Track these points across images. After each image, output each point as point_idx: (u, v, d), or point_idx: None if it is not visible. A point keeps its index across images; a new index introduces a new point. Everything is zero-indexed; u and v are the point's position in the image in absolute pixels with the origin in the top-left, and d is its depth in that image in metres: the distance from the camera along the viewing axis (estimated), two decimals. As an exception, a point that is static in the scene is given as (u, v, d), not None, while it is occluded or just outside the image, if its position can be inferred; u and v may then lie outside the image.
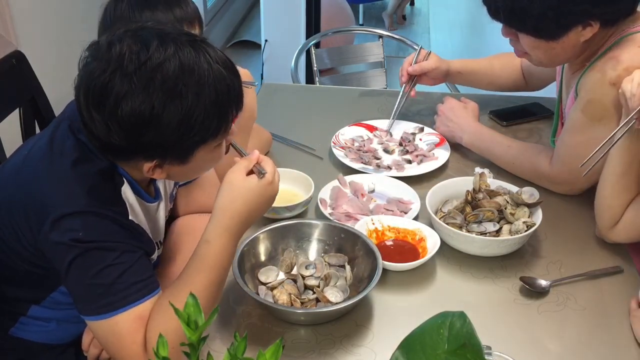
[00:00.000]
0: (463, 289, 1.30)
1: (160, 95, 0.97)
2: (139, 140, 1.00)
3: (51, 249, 1.04)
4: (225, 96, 1.03)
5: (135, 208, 1.13)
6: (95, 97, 0.98)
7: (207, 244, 1.07)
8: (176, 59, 0.99)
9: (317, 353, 1.14)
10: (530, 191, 1.39)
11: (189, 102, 0.98)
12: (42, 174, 1.08)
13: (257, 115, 1.54)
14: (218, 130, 1.05)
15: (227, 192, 1.08)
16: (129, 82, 0.96)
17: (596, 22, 1.36)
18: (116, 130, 0.99)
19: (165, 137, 1.00)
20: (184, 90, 0.98)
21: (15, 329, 1.24)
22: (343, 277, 1.26)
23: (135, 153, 1.04)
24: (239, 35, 5.03)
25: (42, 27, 2.53)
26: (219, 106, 1.02)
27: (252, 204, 1.08)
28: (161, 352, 0.67)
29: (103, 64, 0.98)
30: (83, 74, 1.01)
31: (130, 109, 0.97)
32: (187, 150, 1.05)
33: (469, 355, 0.65)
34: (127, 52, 0.97)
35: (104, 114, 0.98)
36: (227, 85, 1.03)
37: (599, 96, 1.39)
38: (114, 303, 1.03)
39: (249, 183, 1.08)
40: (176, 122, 0.99)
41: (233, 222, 1.08)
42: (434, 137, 1.75)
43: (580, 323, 1.22)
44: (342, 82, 2.79)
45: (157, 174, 1.08)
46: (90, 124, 1.02)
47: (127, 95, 0.96)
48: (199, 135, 1.02)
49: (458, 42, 5.47)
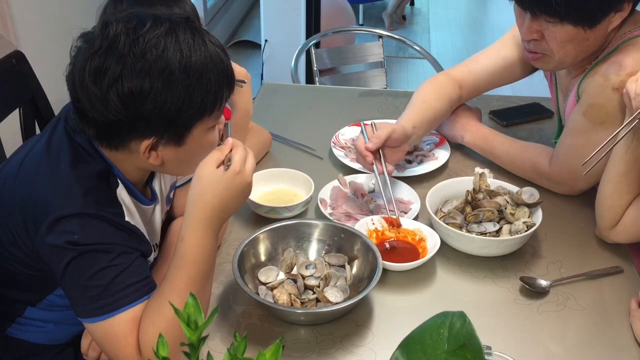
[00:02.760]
0: (463, 289, 1.30)
1: (157, 73, 0.99)
2: (139, 111, 1.01)
3: (47, 252, 1.04)
4: (220, 71, 1.06)
5: (131, 210, 1.13)
6: (92, 73, 1.00)
7: (182, 241, 1.07)
8: (172, 35, 1.01)
9: (317, 353, 1.14)
10: (530, 191, 1.39)
11: (186, 76, 1.01)
12: (38, 177, 1.08)
13: (252, 114, 1.54)
14: (214, 105, 1.06)
15: (196, 186, 1.08)
16: (125, 59, 0.99)
17: (629, 5, 1.33)
18: (115, 103, 1.00)
19: (165, 106, 1.01)
20: (181, 66, 1.01)
21: (12, 329, 1.24)
22: (343, 277, 1.26)
23: (132, 130, 1.04)
24: (239, 35, 5.03)
25: (42, 27, 2.53)
26: (215, 81, 1.05)
27: (221, 195, 1.07)
28: (161, 352, 0.67)
29: (99, 42, 1.00)
30: (78, 54, 1.03)
31: (130, 85, 0.99)
32: (183, 127, 1.05)
33: (469, 355, 0.65)
34: (122, 31, 1.00)
35: (102, 86, 0.99)
36: (222, 60, 1.06)
37: (602, 101, 1.38)
38: (110, 305, 1.02)
39: (216, 175, 1.07)
40: (177, 87, 1.01)
41: (206, 215, 1.07)
42: (434, 137, 1.75)
43: (581, 323, 1.22)
44: (342, 82, 2.79)
45: (153, 158, 1.08)
46: (86, 104, 1.02)
47: (124, 73, 0.98)
48: (195, 107, 1.03)
49: (458, 42, 5.47)
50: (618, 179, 1.33)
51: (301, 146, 1.76)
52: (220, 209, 1.08)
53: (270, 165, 1.61)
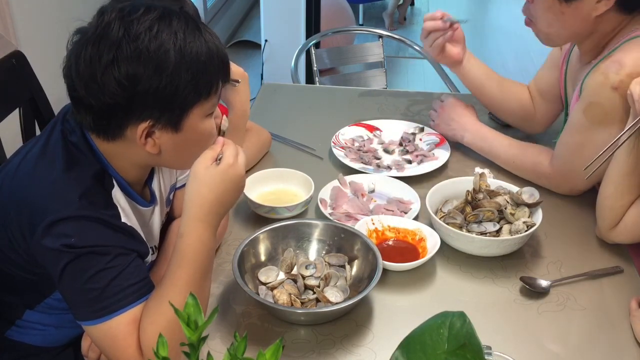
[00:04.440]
0: (463, 289, 1.30)
1: (151, 55, 1.00)
2: (134, 93, 1.01)
3: (44, 255, 1.03)
4: (215, 55, 1.07)
5: (127, 211, 1.13)
6: (87, 58, 1.01)
7: (182, 238, 1.07)
8: (166, 19, 1.03)
9: (317, 353, 1.14)
10: (530, 191, 1.39)
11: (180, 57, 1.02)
12: (34, 180, 1.07)
13: (249, 113, 1.54)
14: (209, 89, 1.07)
15: (192, 183, 1.08)
16: (120, 42, 1.00)
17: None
18: (111, 86, 1.00)
19: (160, 86, 1.02)
20: (175, 47, 1.02)
21: (11, 331, 1.24)
22: (343, 277, 1.26)
23: (128, 112, 1.04)
24: (239, 35, 5.04)
25: (42, 27, 2.53)
26: (209, 64, 1.06)
27: (218, 190, 1.08)
28: (161, 352, 0.67)
29: (93, 29, 1.02)
30: (74, 45, 1.04)
31: (125, 67, 1.00)
32: (179, 110, 1.05)
33: (469, 355, 0.65)
34: (116, 17, 1.02)
35: (97, 70, 1.00)
36: (216, 46, 1.07)
37: (601, 100, 1.38)
38: (109, 307, 1.02)
39: (210, 170, 1.08)
40: (171, 67, 1.02)
41: (203, 211, 1.07)
42: (434, 137, 1.75)
43: (581, 323, 1.22)
44: (342, 82, 2.79)
45: (150, 145, 1.07)
46: (82, 90, 1.02)
47: (119, 56, 1.00)
48: (190, 89, 1.04)
49: (458, 42, 5.46)
50: (620, 180, 1.33)
51: (301, 146, 1.76)
52: (217, 204, 1.08)
53: (270, 165, 1.61)
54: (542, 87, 1.74)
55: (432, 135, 1.76)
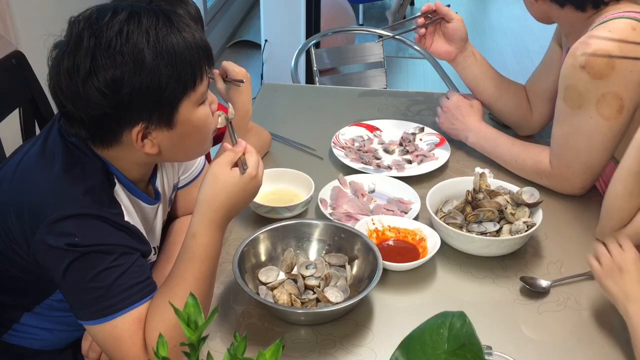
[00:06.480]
0: (463, 289, 1.30)
1: (127, 58, 0.99)
2: (119, 99, 1.00)
3: (46, 254, 1.03)
4: (193, 44, 1.05)
5: (129, 210, 1.13)
6: (66, 73, 1.01)
7: (194, 238, 1.07)
8: (134, 19, 1.02)
9: (317, 353, 1.14)
10: (531, 191, 1.39)
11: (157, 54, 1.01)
12: (35, 180, 1.07)
13: (252, 113, 1.54)
14: (194, 79, 1.06)
15: (211, 185, 1.08)
16: (93, 52, 0.99)
17: None
18: (94, 97, 1.00)
19: (143, 87, 1.01)
20: (149, 45, 1.01)
21: (8, 335, 1.24)
22: (343, 277, 1.26)
23: (119, 120, 1.03)
24: (239, 35, 5.04)
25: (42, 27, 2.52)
26: (189, 54, 1.04)
27: (236, 197, 1.09)
28: (161, 352, 0.67)
29: (66, 43, 1.03)
30: (54, 59, 1.05)
31: (104, 75, 0.99)
32: (169, 106, 1.05)
33: (469, 355, 0.65)
34: (85, 26, 1.01)
35: (77, 84, 1.00)
36: (193, 34, 1.06)
37: (574, 81, 1.39)
38: (112, 306, 1.02)
39: (232, 177, 1.08)
40: (149, 65, 1.00)
41: (218, 215, 1.08)
42: (434, 137, 1.75)
43: (581, 323, 1.22)
44: (342, 82, 2.79)
45: (148, 146, 1.07)
46: (69, 106, 1.02)
47: (95, 66, 0.99)
48: (174, 84, 1.03)
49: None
50: (631, 178, 1.28)
51: (301, 146, 1.76)
52: (230, 210, 1.10)
53: (270, 165, 1.61)
54: (538, 87, 1.74)
55: (432, 135, 1.76)
